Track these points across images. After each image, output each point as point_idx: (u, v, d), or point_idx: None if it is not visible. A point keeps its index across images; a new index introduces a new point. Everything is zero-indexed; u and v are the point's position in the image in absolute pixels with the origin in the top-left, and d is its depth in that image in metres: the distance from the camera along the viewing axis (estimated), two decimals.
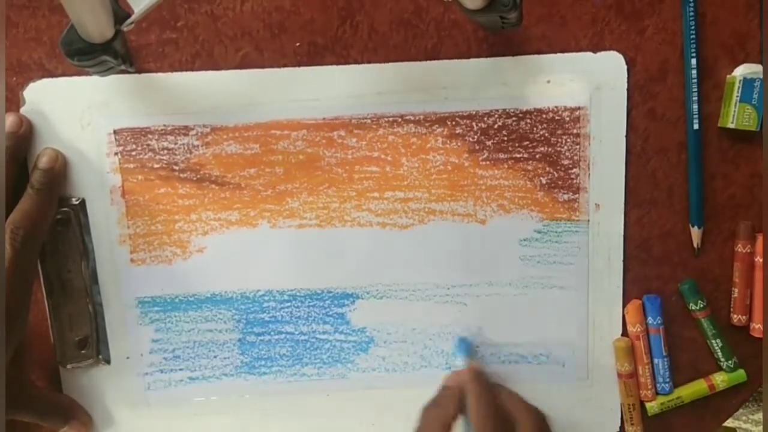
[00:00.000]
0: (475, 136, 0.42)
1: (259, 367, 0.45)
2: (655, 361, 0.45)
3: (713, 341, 0.45)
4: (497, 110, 0.42)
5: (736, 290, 0.44)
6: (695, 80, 0.41)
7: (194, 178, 0.42)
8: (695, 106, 0.42)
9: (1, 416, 0.35)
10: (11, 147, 0.40)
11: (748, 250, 0.43)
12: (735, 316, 0.44)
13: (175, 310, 0.44)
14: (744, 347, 0.45)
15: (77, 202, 0.42)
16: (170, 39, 0.41)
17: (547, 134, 0.42)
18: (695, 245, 0.44)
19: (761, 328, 0.44)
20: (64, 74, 0.41)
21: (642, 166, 0.43)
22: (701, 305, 0.44)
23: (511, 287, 0.44)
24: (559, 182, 0.43)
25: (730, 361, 0.45)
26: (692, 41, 0.41)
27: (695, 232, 0.43)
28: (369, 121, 0.42)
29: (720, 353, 0.45)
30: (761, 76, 0.41)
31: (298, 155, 0.42)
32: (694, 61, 0.41)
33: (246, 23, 0.41)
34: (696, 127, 0.42)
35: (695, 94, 0.42)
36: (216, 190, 0.43)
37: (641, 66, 0.42)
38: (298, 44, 0.41)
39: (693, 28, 0.41)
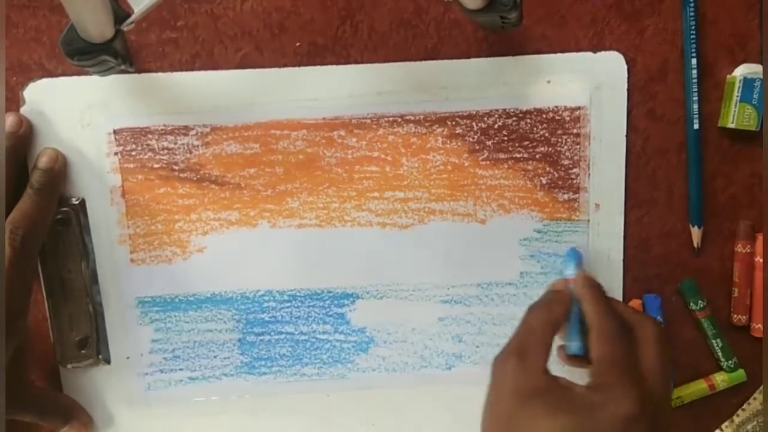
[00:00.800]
0: (475, 136, 0.42)
1: (259, 367, 0.45)
2: None
3: (713, 341, 0.45)
4: (497, 110, 0.42)
5: (737, 290, 0.44)
6: (695, 80, 0.41)
7: (194, 178, 0.42)
8: (695, 106, 0.42)
9: (1, 416, 0.35)
10: (11, 147, 0.40)
11: (748, 250, 0.43)
12: (735, 316, 0.44)
13: (175, 310, 0.44)
14: (744, 347, 0.45)
15: (77, 202, 0.42)
16: (170, 39, 0.41)
17: (547, 134, 0.42)
18: (695, 245, 0.44)
19: (761, 327, 0.44)
20: (64, 74, 0.41)
21: (642, 166, 0.43)
22: (701, 305, 0.44)
23: (512, 287, 0.44)
24: (559, 182, 0.43)
25: (730, 361, 0.45)
26: (692, 41, 0.41)
27: (695, 232, 0.43)
28: (369, 121, 0.42)
29: (720, 353, 0.45)
30: (761, 76, 0.41)
31: (298, 155, 0.42)
32: (694, 61, 0.41)
33: (246, 23, 0.41)
34: (696, 126, 0.42)
35: (695, 94, 0.42)
36: (216, 190, 0.43)
37: (641, 66, 0.42)
38: (298, 44, 0.41)
39: (693, 28, 0.41)
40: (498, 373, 0.35)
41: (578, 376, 0.36)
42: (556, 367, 0.36)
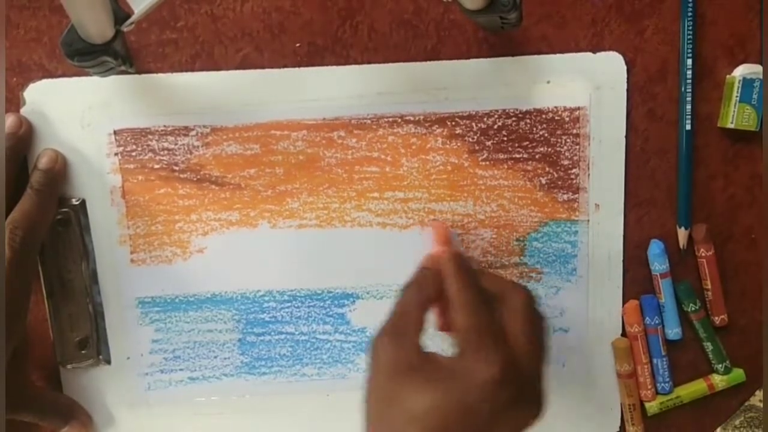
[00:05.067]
0: (475, 137, 0.42)
1: (259, 367, 0.45)
2: (654, 361, 0.45)
3: (705, 344, 0.45)
4: (497, 110, 0.42)
5: (710, 293, 0.44)
6: (690, 81, 0.41)
7: (194, 179, 0.42)
8: (689, 107, 0.42)
9: (1, 416, 0.35)
10: (11, 147, 0.40)
11: (711, 253, 0.43)
12: (715, 318, 0.44)
13: (176, 310, 0.44)
14: (744, 347, 0.45)
15: (77, 203, 0.42)
16: (170, 39, 0.41)
17: (546, 134, 0.42)
18: (681, 246, 0.44)
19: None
20: (64, 75, 0.41)
21: (641, 166, 0.43)
22: (693, 308, 0.44)
23: None
24: (559, 182, 0.43)
25: (721, 365, 0.45)
26: (689, 42, 0.41)
27: (682, 234, 0.43)
28: (369, 121, 0.42)
29: (711, 356, 0.45)
30: (761, 77, 0.41)
31: (298, 155, 0.42)
32: (689, 62, 0.41)
33: (246, 24, 0.41)
34: (688, 127, 0.42)
35: (689, 94, 0.42)
36: (216, 191, 0.43)
37: (641, 66, 0.42)
38: (298, 45, 0.41)
39: (691, 28, 0.41)
40: (376, 352, 0.36)
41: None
42: None
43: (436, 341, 0.38)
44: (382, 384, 0.35)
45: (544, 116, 0.42)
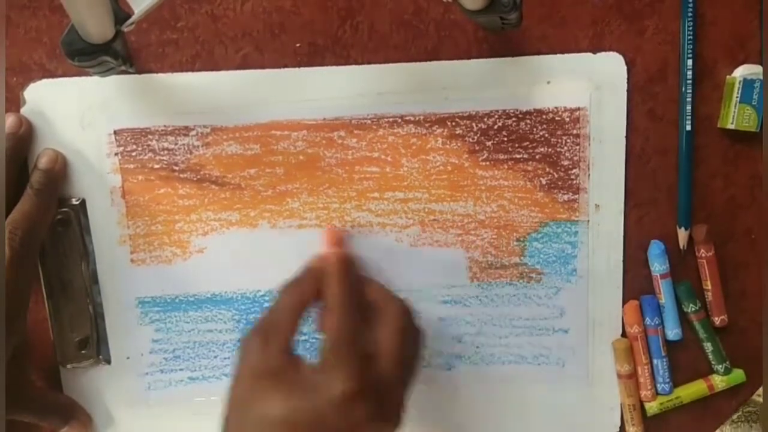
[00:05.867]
0: (475, 137, 0.42)
1: None
2: (654, 361, 0.45)
3: (705, 344, 0.45)
4: (497, 111, 0.42)
5: (710, 294, 0.44)
6: (690, 81, 0.41)
7: (194, 179, 0.42)
8: (689, 107, 0.42)
9: (1, 416, 0.35)
10: (11, 147, 0.40)
11: (711, 253, 0.43)
12: (715, 318, 0.44)
13: (176, 310, 0.44)
14: (744, 348, 0.45)
15: (77, 203, 0.42)
16: (170, 39, 0.41)
17: (547, 135, 0.42)
18: (681, 247, 0.44)
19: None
20: (64, 74, 0.41)
21: (642, 166, 0.43)
22: (693, 308, 0.44)
23: (511, 287, 0.44)
24: (559, 183, 0.43)
25: (720, 366, 0.45)
26: (689, 42, 0.41)
27: (682, 234, 0.43)
28: (369, 121, 0.42)
29: (711, 356, 0.45)
30: (761, 77, 0.41)
31: (299, 155, 0.42)
32: (690, 62, 0.41)
33: (246, 24, 0.41)
34: (689, 128, 0.42)
35: (689, 95, 0.42)
36: (216, 191, 0.43)
37: (641, 66, 0.42)
38: (298, 45, 0.41)
39: (691, 28, 0.41)
40: (242, 352, 0.34)
41: None
42: None
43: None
44: (243, 386, 0.33)
45: (544, 116, 0.42)
